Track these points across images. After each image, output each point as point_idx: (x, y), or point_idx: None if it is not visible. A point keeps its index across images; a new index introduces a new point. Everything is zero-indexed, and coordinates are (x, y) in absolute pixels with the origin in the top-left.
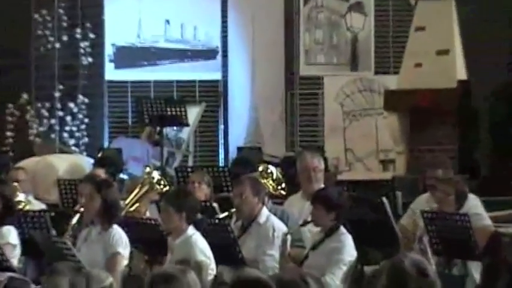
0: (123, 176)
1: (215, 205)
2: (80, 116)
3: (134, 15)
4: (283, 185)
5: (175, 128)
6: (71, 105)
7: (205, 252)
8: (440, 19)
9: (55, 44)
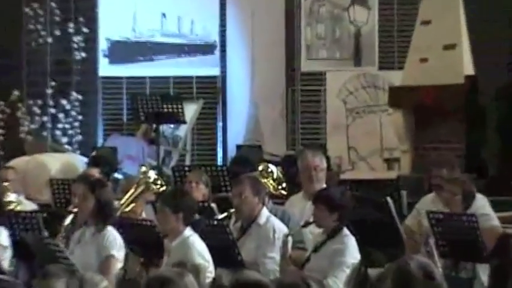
0: (118, 176)
1: (213, 206)
2: (73, 113)
3: (129, 9)
4: (284, 184)
5: (171, 126)
6: (64, 102)
7: (203, 254)
8: (447, 12)
9: (47, 39)
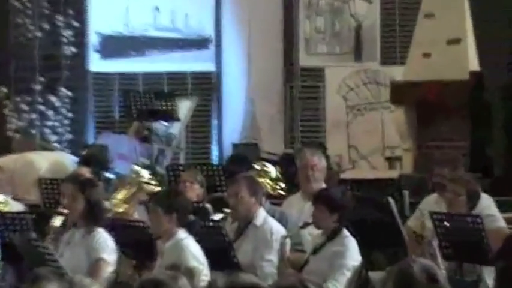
0: (109, 175)
1: (208, 206)
2: (63, 111)
3: (121, 2)
4: (282, 184)
5: (165, 124)
6: (53, 98)
7: (197, 257)
8: (451, 5)
9: (35, 33)
